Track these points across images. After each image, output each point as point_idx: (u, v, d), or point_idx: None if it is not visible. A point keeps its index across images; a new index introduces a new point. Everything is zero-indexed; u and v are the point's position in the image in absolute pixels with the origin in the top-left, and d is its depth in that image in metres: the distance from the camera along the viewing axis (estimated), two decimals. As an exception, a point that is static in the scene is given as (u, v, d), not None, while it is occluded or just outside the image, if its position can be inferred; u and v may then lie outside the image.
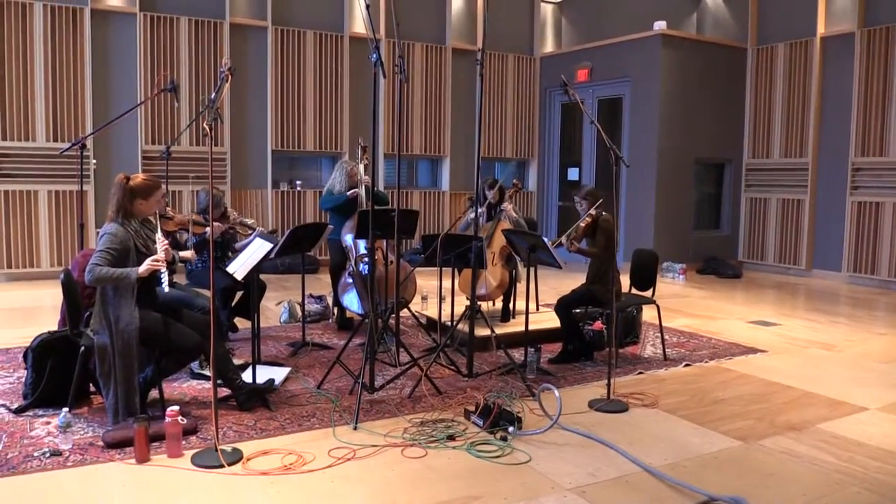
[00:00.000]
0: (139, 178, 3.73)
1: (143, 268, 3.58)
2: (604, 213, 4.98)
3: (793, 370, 5.00)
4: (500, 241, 5.60)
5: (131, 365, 3.59)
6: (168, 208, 4.32)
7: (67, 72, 8.29)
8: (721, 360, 5.23)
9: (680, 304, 7.56)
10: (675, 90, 9.61)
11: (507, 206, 5.77)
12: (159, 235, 3.77)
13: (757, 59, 10.11)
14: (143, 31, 8.60)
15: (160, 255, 3.61)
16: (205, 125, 3.17)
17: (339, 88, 9.79)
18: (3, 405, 3.94)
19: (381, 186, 9.79)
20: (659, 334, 5.45)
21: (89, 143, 7.94)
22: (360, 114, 9.91)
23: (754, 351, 5.53)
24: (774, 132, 9.95)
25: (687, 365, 5.09)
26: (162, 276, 3.63)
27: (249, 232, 5.51)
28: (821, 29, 9.36)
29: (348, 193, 5.84)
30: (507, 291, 5.77)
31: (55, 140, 8.22)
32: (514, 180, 6.09)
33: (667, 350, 5.35)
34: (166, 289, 3.63)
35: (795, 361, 5.26)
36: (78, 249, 6.50)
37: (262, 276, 5.34)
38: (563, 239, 4.85)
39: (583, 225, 4.90)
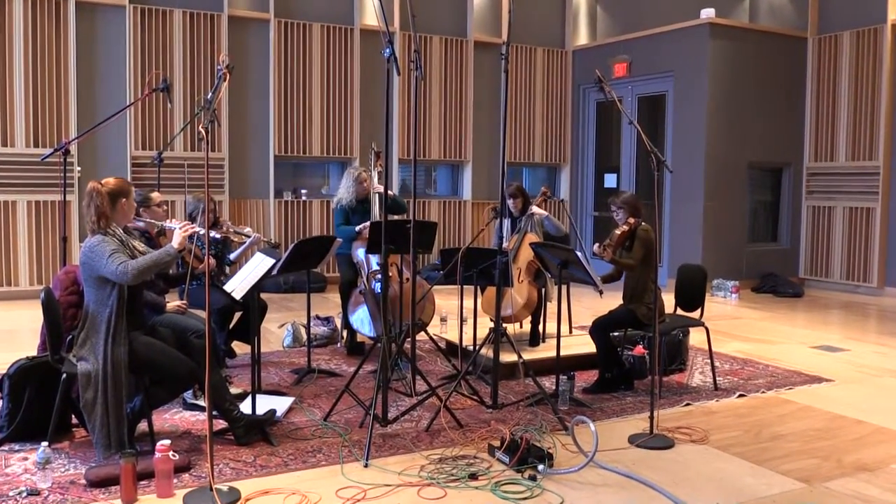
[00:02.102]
0: (111, 180, 3.82)
1: (178, 239, 3.68)
2: (643, 222, 4.97)
3: (863, 402, 4.94)
4: (526, 255, 5.59)
5: (119, 394, 3.63)
6: (173, 221, 4.38)
7: (49, 70, 8.45)
8: (780, 391, 5.18)
9: (732, 326, 7.49)
10: (726, 86, 9.58)
11: (535, 208, 5.76)
12: (161, 222, 3.89)
13: (819, 50, 10.05)
14: (132, 25, 8.75)
15: (180, 225, 3.73)
16: (200, 128, 3.21)
17: (349, 87, 9.87)
18: (-23, 438, 3.99)
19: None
20: (708, 361, 5.41)
21: (73, 148, 8.06)
22: (373, 115, 9.98)
23: (818, 380, 5.46)
24: (840, 132, 9.87)
25: (741, 395, 5.04)
26: (202, 232, 3.74)
27: (244, 239, 5.54)
28: (892, 14, 9.29)
29: (357, 228, 5.86)
30: (536, 312, 5.76)
31: (35, 146, 8.36)
32: (543, 187, 6.09)
33: (718, 379, 5.31)
34: (218, 235, 3.73)
35: (866, 392, 5.19)
36: (60, 266, 6.58)
37: (262, 296, 5.37)
38: (596, 247, 4.85)
39: (618, 233, 4.89)
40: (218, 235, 5.25)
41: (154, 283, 4.41)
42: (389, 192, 5.54)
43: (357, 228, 5.86)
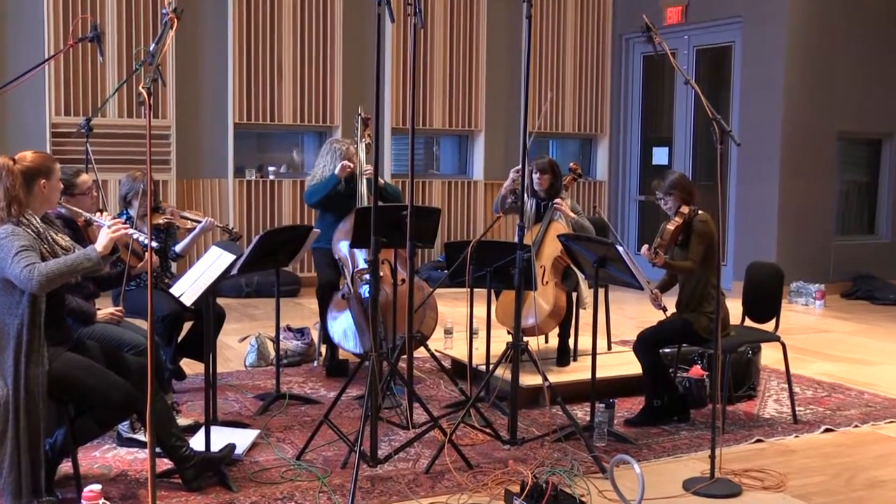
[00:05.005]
0: (28, 154, 3.79)
1: (104, 241, 3.64)
2: (699, 210, 4.96)
3: (983, 438, 4.93)
4: (553, 249, 5.58)
5: (35, 426, 3.63)
6: (103, 214, 4.36)
7: (-50, 16, 8.45)
8: (878, 424, 5.17)
9: (816, 342, 7.48)
10: (809, 35, 9.55)
11: (563, 202, 5.75)
12: (89, 215, 3.87)
13: (927, -10, 10.01)
14: (54, -41, 8.74)
15: (110, 222, 3.70)
16: (141, 89, 3.21)
17: (329, 38, 9.85)
18: None
19: (388, 176, 9.83)
20: (785, 385, 5.40)
21: (-20, 114, 8.07)
22: (359, 73, 9.96)
23: (926, 410, 5.47)
24: (954, 94, 9.85)
25: (827, 430, 5.04)
26: (136, 236, 3.71)
27: (193, 225, 5.53)
28: None
29: (337, 171, 5.86)
30: (565, 322, 5.76)
31: (-67, 111, 8.37)
32: (572, 165, 6.07)
33: (797, 408, 5.30)
34: (155, 244, 3.71)
35: None
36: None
37: (219, 301, 5.37)
38: (645, 251, 4.84)
39: (670, 228, 4.87)
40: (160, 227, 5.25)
41: (81, 286, 4.40)
42: (380, 180, 5.54)
43: (337, 171, 5.87)
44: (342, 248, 5.84)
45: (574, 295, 5.78)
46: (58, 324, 3.81)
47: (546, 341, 6.21)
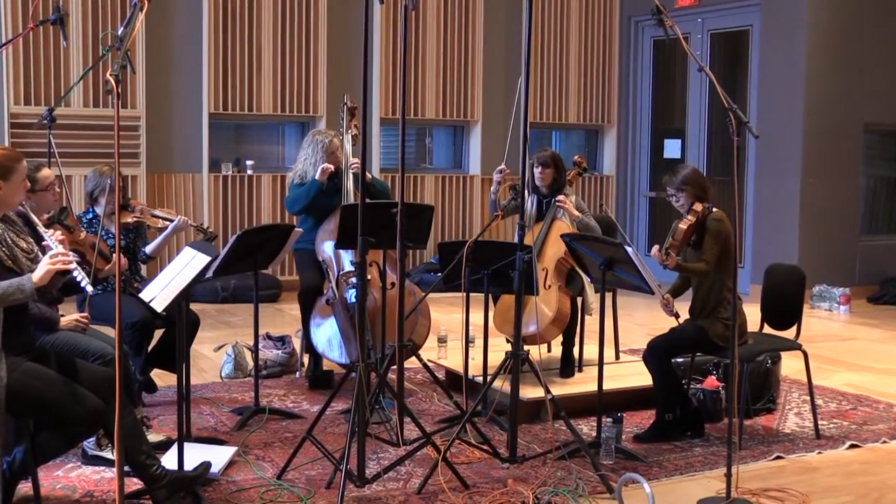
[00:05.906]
0: None
1: (41, 272, 3.55)
2: (714, 208, 4.96)
3: None
4: (556, 250, 5.59)
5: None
6: (55, 233, 4.33)
7: None
8: (907, 439, 5.20)
9: (841, 350, 7.50)
10: (832, 19, 9.56)
11: (566, 199, 5.75)
12: (43, 230, 3.80)
13: (960, -30, 10.04)
14: (13, -66, 8.73)
15: (56, 248, 3.63)
16: (108, 76, 3.20)
17: (313, 21, 9.84)
18: None
19: (376, 171, 9.83)
20: (807, 398, 5.41)
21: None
22: (345, 59, 9.95)
23: (959, 424, 5.48)
24: None
25: (853, 446, 5.05)
26: (76, 275, 3.64)
27: (165, 224, 5.52)
28: None
29: (318, 175, 5.86)
30: (570, 330, 5.76)
31: None
32: (577, 158, 6.07)
33: (820, 423, 5.31)
34: (90, 289, 3.65)
35: None
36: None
37: (193, 307, 5.37)
38: (656, 251, 4.85)
39: (683, 227, 4.88)
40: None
41: (44, 290, 4.38)
42: (367, 175, 5.54)
43: (318, 175, 5.86)
44: (327, 248, 5.84)
45: (579, 300, 5.79)
46: (18, 332, 3.79)
47: (548, 350, 6.21)
